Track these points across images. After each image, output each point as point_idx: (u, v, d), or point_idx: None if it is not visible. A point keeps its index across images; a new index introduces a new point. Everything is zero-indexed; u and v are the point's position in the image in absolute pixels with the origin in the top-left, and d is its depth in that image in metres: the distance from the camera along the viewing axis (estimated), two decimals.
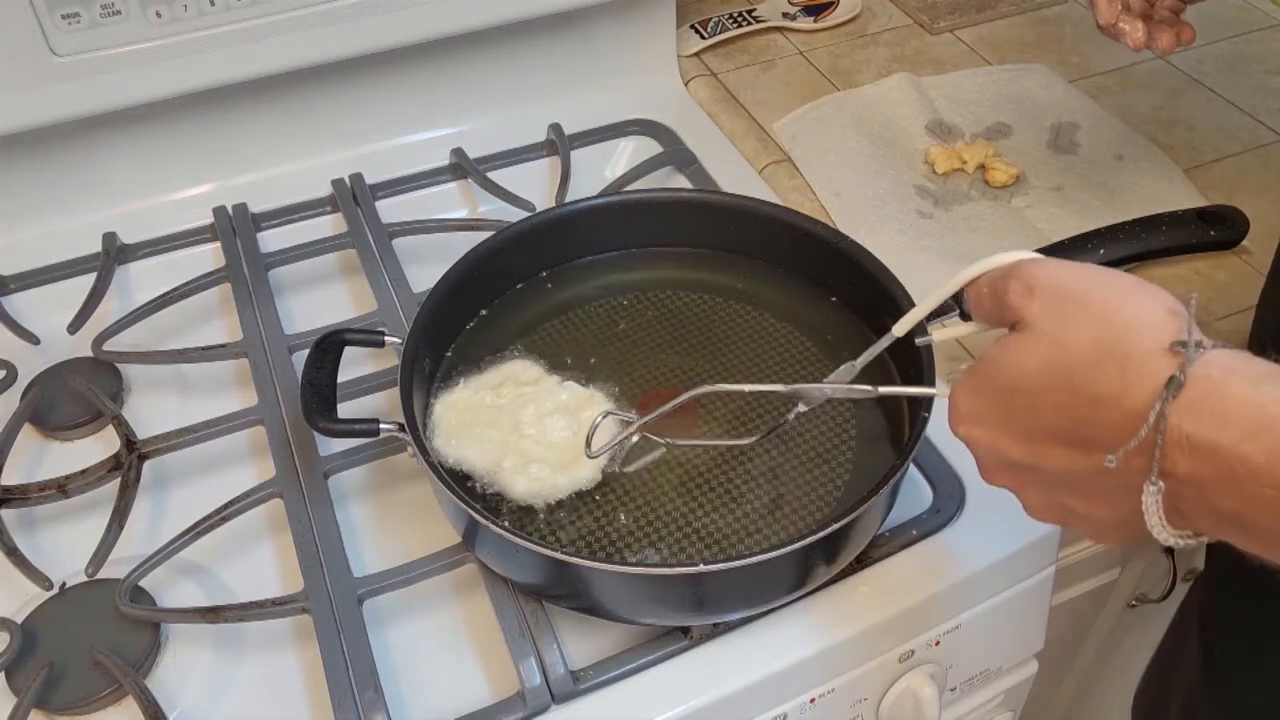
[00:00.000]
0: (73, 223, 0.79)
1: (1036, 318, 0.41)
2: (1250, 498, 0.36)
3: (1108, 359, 0.39)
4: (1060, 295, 0.41)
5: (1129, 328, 0.39)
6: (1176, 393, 0.37)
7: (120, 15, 0.69)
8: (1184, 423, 0.36)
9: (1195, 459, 0.37)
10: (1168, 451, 0.37)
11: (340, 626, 0.55)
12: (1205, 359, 0.37)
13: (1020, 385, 0.42)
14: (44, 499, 0.63)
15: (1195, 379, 0.37)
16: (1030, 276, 0.42)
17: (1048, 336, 0.41)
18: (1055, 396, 0.40)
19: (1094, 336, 0.39)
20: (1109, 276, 0.41)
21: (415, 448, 0.56)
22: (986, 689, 0.68)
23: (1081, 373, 0.39)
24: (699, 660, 0.55)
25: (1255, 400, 0.35)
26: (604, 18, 0.88)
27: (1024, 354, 0.41)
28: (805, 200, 0.82)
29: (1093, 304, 0.40)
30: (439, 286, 0.65)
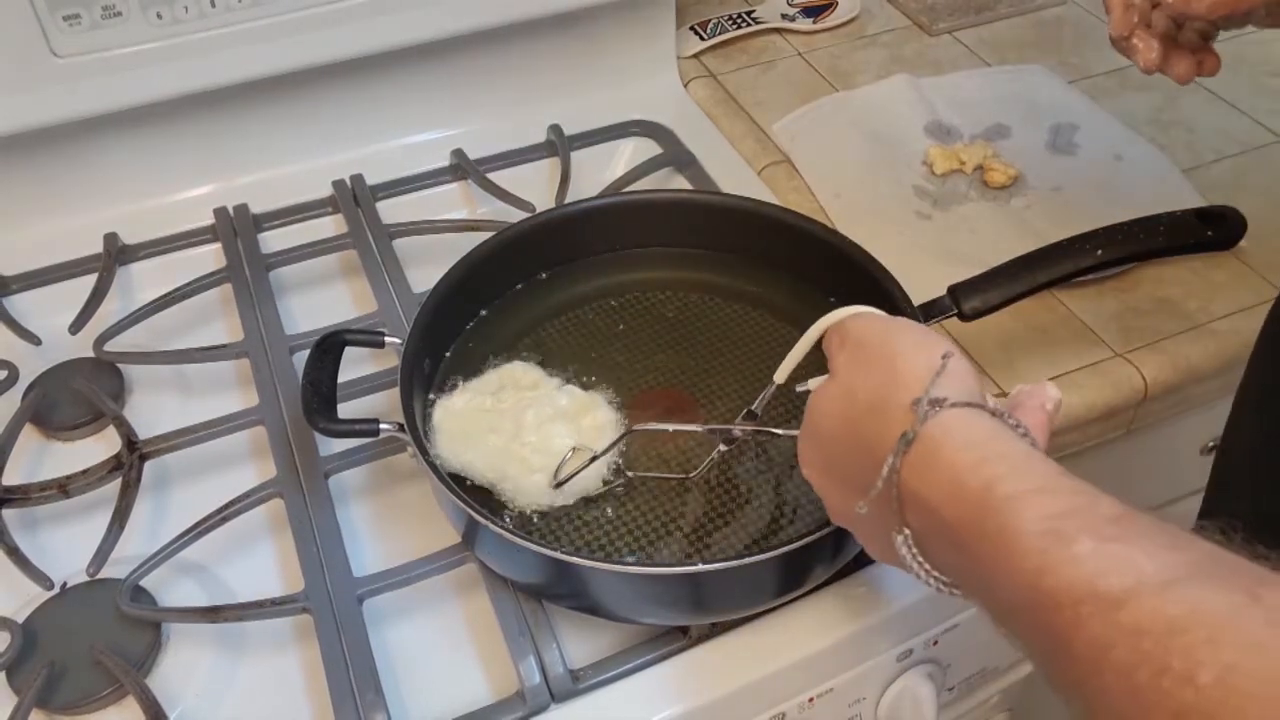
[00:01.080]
0: (74, 223, 0.79)
1: (839, 367, 0.45)
2: (952, 557, 0.38)
3: (874, 409, 0.41)
4: (859, 345, 0.44)
5: (895, 381, 0.41)
6: (906, 448, 0.39)
7: (121, 16, 0.69)
8: (910, 478, 0.39)
9: (918, 514, 0.39)
10: (904, 504, 0.39)
11: (340, 626, 0.56)
12: (940, 418, 0.39)
13: (825, 431, 0.45)
14: (45, 499, 0.63)
15: (923, 437, 0.39)
16: (844, 330, 0.46)
17: (842, 385, 0.44)
18: (843, 444, 0.44)
19: (871, 386, 0.42)
20: (901, 330, 0.44)
21: (415, 448, 0.56)
22: (984, 689, 0.68)
23: (857, 421, 0.42)
24: (698, 660, 0.55)
25: (954, 463, 0.37)
26: (604, 18, 0.88)
27: (827, 402, 0.45)
28: (804, 201, 0.82)
29: (875, 357, 0.43)
30: (439, 287, 0.65)
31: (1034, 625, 0.34)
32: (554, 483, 0.57)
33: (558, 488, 0.57)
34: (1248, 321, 0.71)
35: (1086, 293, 0.73)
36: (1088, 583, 0.32)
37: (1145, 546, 0.32)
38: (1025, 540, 0.34)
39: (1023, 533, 0.34)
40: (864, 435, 0.42)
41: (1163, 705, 0.29)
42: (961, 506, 0.36)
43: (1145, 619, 0.30)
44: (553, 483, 0.57)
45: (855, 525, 0.46)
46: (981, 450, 0.37)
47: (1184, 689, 0.28)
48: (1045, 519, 0.34)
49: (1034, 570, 0.33)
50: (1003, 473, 0.36)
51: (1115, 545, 0.32)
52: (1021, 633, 0.35)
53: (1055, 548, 0.33)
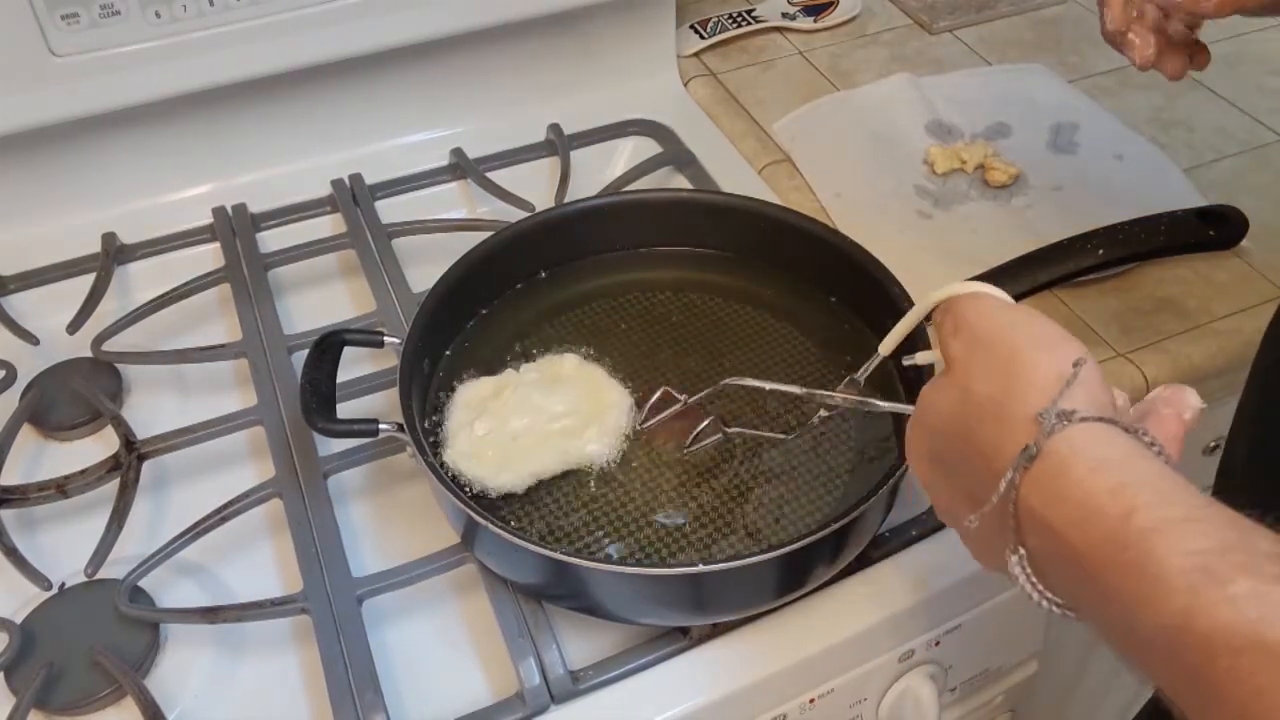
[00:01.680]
0: (72, 223, 0.79)
1: (954, 359, 0.41)
2: (1077, 583, 0.35)
3: (992, 414, 0.38)
4: (976, 339, 0.40)
5: (1019, 385, 0.38)
6: (1028, 464, 0.36)
7: (119, 15, 0.69)
8: (1030, 496, 0.36)
9: (1037, 534, 0.36)
10: (1021, 521, 0.36)
11: (339, 627, 0.55)
12: (1067, 433, 0.36)
13: (937, 426, 0.42)
14: (43, 499, 0.63)
15: (1048, 453, 0.36)
16: (959, 314, 0.42)
17: (959, 380, 0.40)
18: (955, 444, 0.40)
19: (991, 388, 0.39)
20: (1026, 324, 0.40)
21: (414, 448, 0.56)
22: (986, 689, 0.68)
23: (974, 424, 0.39)
24: (698, 661, 0.55)
25: (1087, 487, 0.34)
26: (604, 18, 0.88)
27: (940, 396, 0.42)
28: (805, 200, 0.82)
29: (997, 354, 0.39)
30: (438, 287, 0.65)
31: (1179, 669, 0.31)
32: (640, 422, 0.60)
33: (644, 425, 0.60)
34: (1249, 321, 0.71)
35: (1087, 292, 0.73)
36: (1250, 629, 0.29)
37: None
38: (1172, 577, 0.31)
39: (1169, 568, 0.31)
40: (979, 441, 0.38)
41: None
42: (1094, 534, 0.33)
43: None
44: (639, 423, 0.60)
45: (963, 532, 0.43)
46: (1118, 473, 0.34)
47: None
48: (1195, 554, 0.31)
49: (1182, 611, 0.30)
50: (1144, 500, 0.33)
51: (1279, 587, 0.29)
52: (1158, 672, 0.32)
53: (1207, 587, 0.30)
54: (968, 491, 0.40)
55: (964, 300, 0.42)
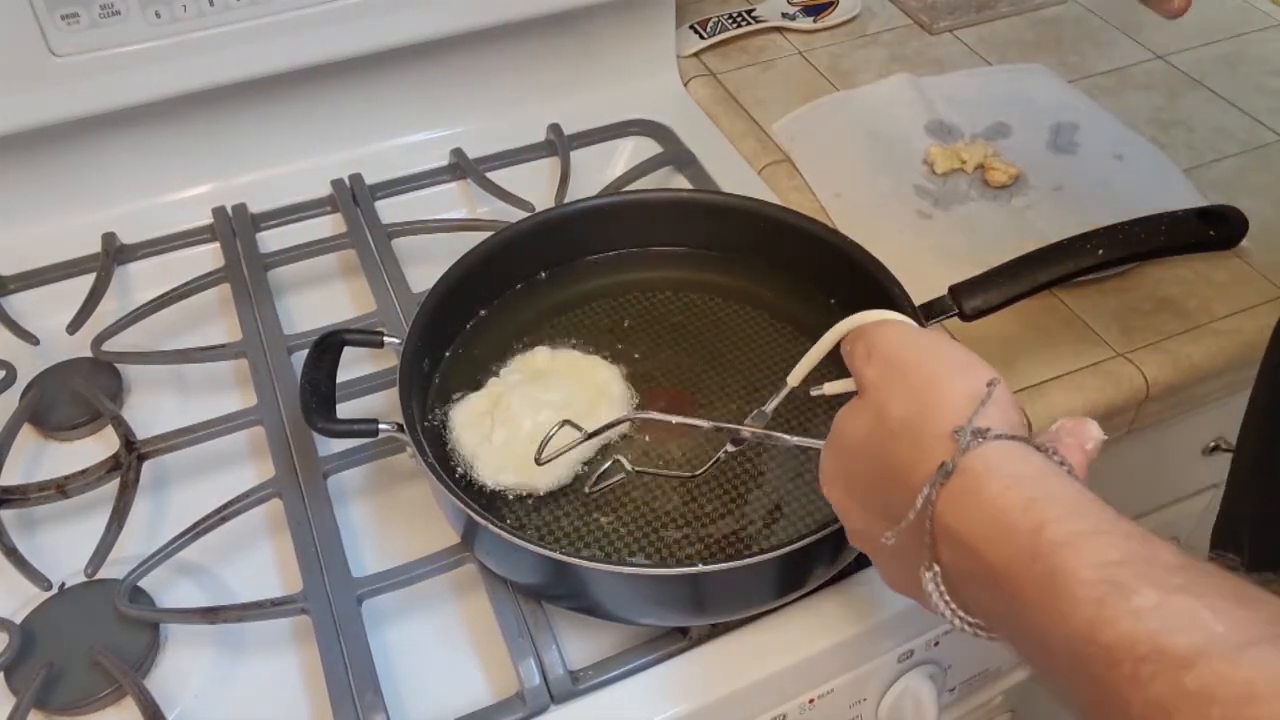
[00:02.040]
0: (72, 223, 0.79)
1: (869, 384, 0.42)
2: (990, 599, 0.35)
3: (907, 436, 0.39)
4: (890, 363, 0.41)
5: (934, 406, 0.39)
6: (944, 480, 0.36)
7: (119, 15, 0.69)
8: (946, 513, 0.36)
9: (953, 550, 0.36)
10: (936, 538, 0.37)
11: (339, 627, 0.55)
12: (981, 451, 0.36)
13: (853, 450, 0.42)
14: (43, 499, 0.63)
15: (963, 469, 0.36)
16: (871, 341, 0.43)
17: (872, 405, 0.41)
18: (871, 466, 0.41)
19: (905, 411, 0.39)
20: (940, 350, 0.41)
21: (414, 448, 0.56)
22: (986, 689, 0.68)
23: (889, 446, 0.39)
24: (698, 661, 0.55)
25: (1000, 503, 0.35)
26: (604, 18, 0.88)
27: (857, 419, 0.42)
28: (805, 200, 0.82)
29: (912, 376, 0.40)
30: (438, 287, 0.65)
31: (1084, 680, 0.31)
32: (538, 457, 0.55)
33: (540, 464, 0.56)
34: (1249, 321, 0.71)
35: (1087, 292, 0.73)
36: (1150, 639, 0.29)
37: (1213, 601, 0.30)
38: (1079, 589, 0.31)
39: (1077, 580, 0.32)
40: (894, 461, 0.39)
41: None
42: (1006, 548, 0.34)
43: (1216, 684, 0.28)
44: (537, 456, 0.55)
45: (877, 553, 0.44)
46: (1030, 488, 0.35)
47: None
48: (1102, 566, 0.32)
49: (1088, 621, 0.31)
50: (1055, 514, 0.34)
51: (1181, 598, 0.30)
52: (1067, 685, 0.32)
53: (1113, 598, 0.31)
54: (883, 512, 0.40)
55: (876, 327, 0.44)
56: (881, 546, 0.41)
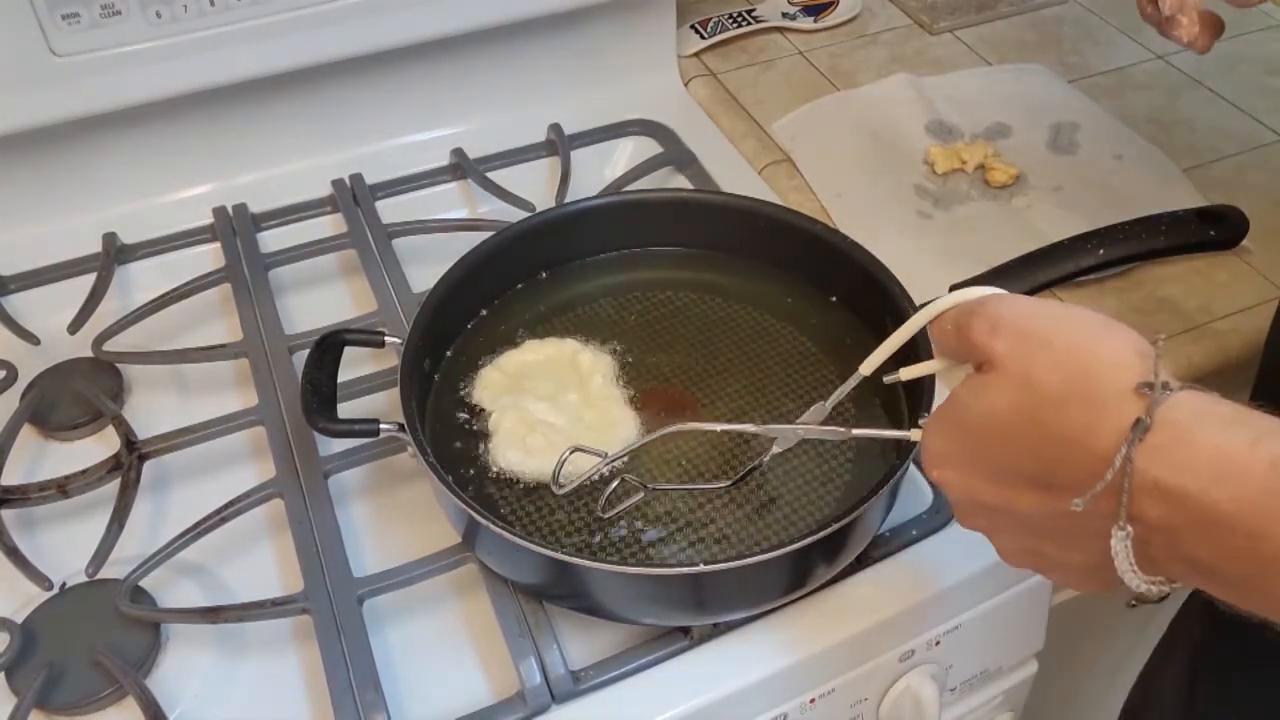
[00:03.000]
0: (73, 223, 0.79)
1: (1002, 357, 0.40)
2: (1219, 546, 0.35)
3: (1075, 399, 0.38)
4: (1025, 334, 0.40)
5: (1097, 368, 0.38)
6: (1143, 435, 0.36)
7: (120, 15, 0.69)
8: (1151, 467, 0.36)
9: (1163, 504, 0.36)
10: (1135, 496, 0.36)
11: (340, 627, 0.55)
12: (1172, 401, 0.36)
13: (989, 426, 0.41)
14: (44, 499, 0.63)
15: (1162, 422, 0.36)
16: (995, 315, 0.41)
17: (1015, 376, 0.40)
18: (1024, 437, 0.40)
19: (1061, 376, 0.39)
20: (1075, 314, 0.41)
21: (415, 448, 0.56)
22: (986, 689, 0.68)
23: (1049, 413, 0.39)
24: (699, 660, 0.55)
25: (1222, 445, 0.35)
26: (604, 18, 0.88)
27: (992, 394, 0.41)
28: (805, 200, 0.82)
29: (1058, 343, 0.39)
30: (439, 286, 0.65)
31: None
32: (555, 486, 0.56)
33: (559, 491, 0.57)
34: (1249, 321, 0.71)
35: (1087, 292, 0.73)
36: None
37: None
38: None
39: None
40: (1060, 429, 0.38)
41: None
42: (1241, 487, 0.34)
43: None
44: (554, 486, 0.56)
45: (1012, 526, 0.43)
46: (1250, 427, 0.35)
47: None
48: None
49: None
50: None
51: None
52: None
53: None
54: (1038, 482, 0.39)
55: (995, 300, 0.42)
56: (1019, 518, 0.41)
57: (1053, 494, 0.39)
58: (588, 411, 0.62)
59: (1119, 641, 0.92)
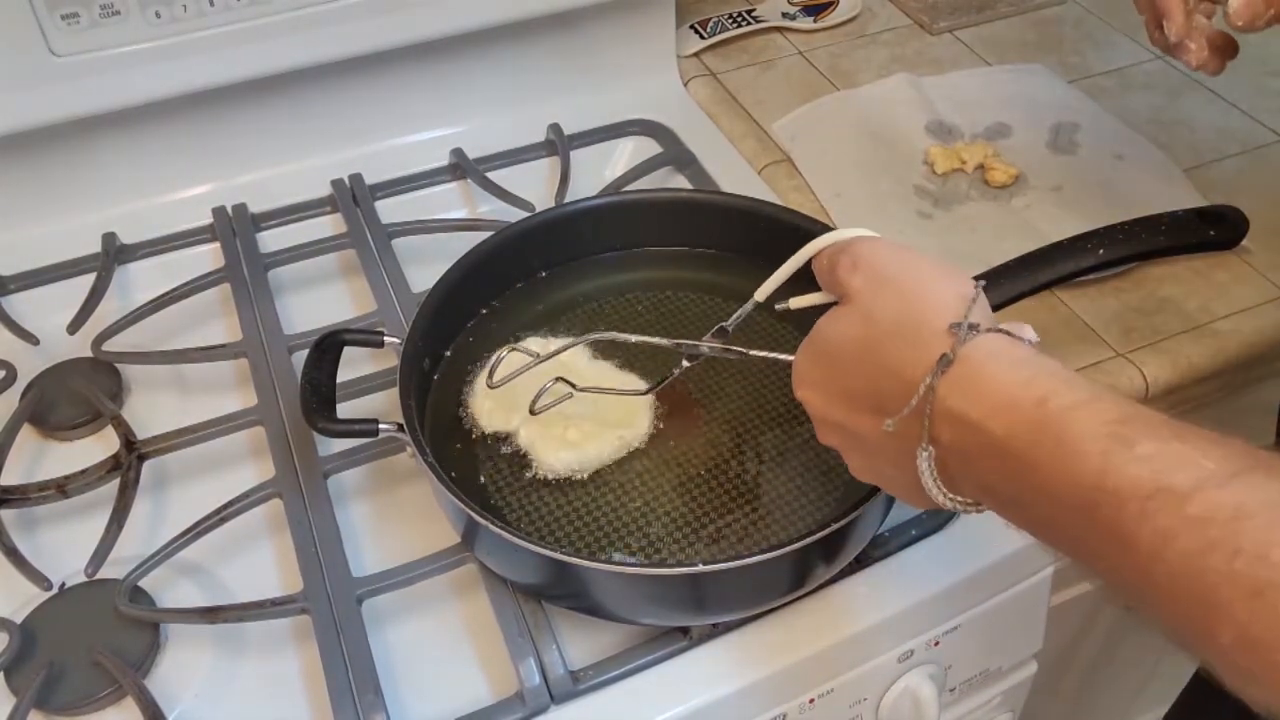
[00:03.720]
0: (72, 223, 0.79)
1: (856, 292, 0.45)
2: (997, 470, 0.39)
3: (902, 335, 0.43)
4: (876, 273, 0.45)
5: (925, 308, 0.43)
6: (945, 369, 0.41)
7: (120, 15, 0.69)
8: (949, 397, 0.40)
9: (955, 429, 0.40)
10: (935, 421, 0.41)
11: (339, 627, 0.55)
12: (976, 341, 0.41)
13: (840, 354, 0.46)
14: (43, 499, 0.63)
15: (963, 358, 0.41)
16: (856, 254, 0.46)
17: (861, 310, 0.45)
18: (862, 366, 0.44)
19: (896, 313, 0.43)
20: (918, 261, 0.46)
21: (414, 448, 0.56)
22: (986, 689, 0.68)
23: (883, 345, 0.43)
24: (698, 660, 0.55)
25: (1004, 381, 0.40)
26: (604, 18, 0.88)
27: (843, 325, 0.46)
28: (805, 200, 0.82)
29: (901, 283, 0.44)
30: (438, 286, 0.65)
31: (1093, 525, 0.35)
32: (488, 382, 0.59)
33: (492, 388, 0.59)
34: (1250, 321, 0.71)
35: (1088, 292, 0.73)
36: (1154, 479, 0.34)
37: (1203, 447, 0.34)
38: (1086, 444, 0.36)
39: (1084, 437, 0.36)
40: (889, 358, 0.43)
41: (1238, 585, 0.31)
42: (1013, 418, 0.38)
43: (1211, 508, 0.32)
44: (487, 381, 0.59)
45: (853, 446, 0.47)
46: (1029, 368, 0.40)
47: (1259, 567, 0.31)
48: (1105, 424, 0.36)
49: (1096, 471, 0.35)
50: (1053, 388, 0.38)
51: (1175, 444, 0.35)
52: (1073, 535, 0.37)
53: (1118, 450, 0.35)
54: (873, 406, 0.44)
55: (860, 241, 0.47)
56: (860, 439, 0.46)
57: (880, 417, 0.44)
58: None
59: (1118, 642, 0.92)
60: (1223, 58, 0.60)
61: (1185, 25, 0.59)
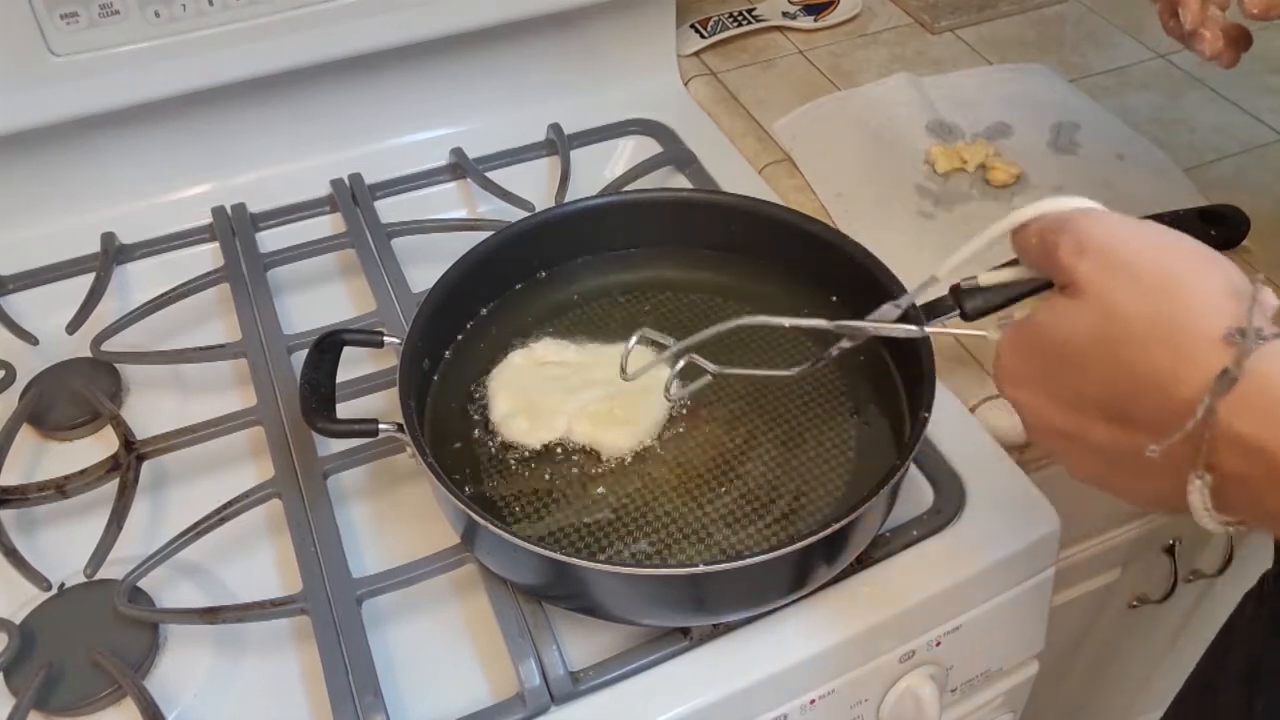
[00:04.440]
0: (71, 223, 0.79)
1: (1086, 281, 0.39)
2: None
3: (1158, 338, 0.36)
4: (1112, 259, 0.38)
5: (1184, 306, 0.36)
6: (1228, 388, 0.34)
7: (119, 15, 0.69)
8: (1235, 420, 0.35)
9: (1244, 458, 0.35)
10: (1216, 447, 0.35)
11: (339, 627, 0.55)
12: (1263, 352, 0.35)
13: (1066, 352, 0.39)
14: (43, 499, 0.62)
15: (1250, 374, 0.34)
16: (1083, 233, 0.39)
17: (1097, 304, 0.38)
18: (1102, 369, 0.38)
19: (1146, 310, 0.37)
20: (1168, 242, 0.39)
21: (414, 448, 0.56)
22: (987, 690, 0.68)
23: (1130, 349, 0.37)
24: (699, 661, 0.55)
25: None
26: (604, 18, 0.88)
27: (1072, 319, 0.39)
28: (806, 200, 0.81)
29: (1146, 273, 0.38)
30: (438, 286, 0.65)
31: None
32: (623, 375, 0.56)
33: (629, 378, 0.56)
34: None
35: None
36: None
37: None
38: None
39: None
40: (1139, 365, 0.37)
41: None
42: None
43: None
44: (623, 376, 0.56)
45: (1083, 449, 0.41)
46: None
47: None
48: None
49: None
50: None
51: None
52: None
53: None
54: (1112, 413, 0.38)
55: (1083, 217, 0.40)
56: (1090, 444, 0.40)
57: (1127, 429, 0.38)
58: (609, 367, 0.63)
59: (1120, 642, 0.92)
60: (1237, 49, 0.59)
61: (1201, 13, 0.57)
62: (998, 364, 0.43)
